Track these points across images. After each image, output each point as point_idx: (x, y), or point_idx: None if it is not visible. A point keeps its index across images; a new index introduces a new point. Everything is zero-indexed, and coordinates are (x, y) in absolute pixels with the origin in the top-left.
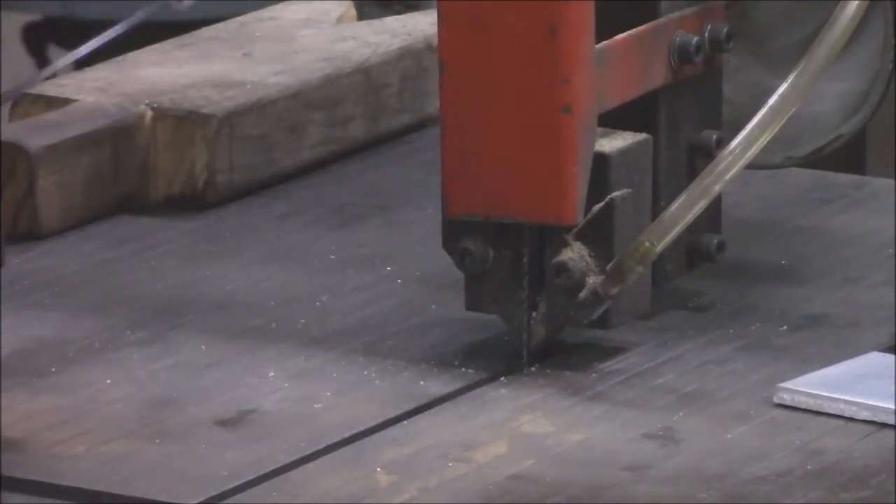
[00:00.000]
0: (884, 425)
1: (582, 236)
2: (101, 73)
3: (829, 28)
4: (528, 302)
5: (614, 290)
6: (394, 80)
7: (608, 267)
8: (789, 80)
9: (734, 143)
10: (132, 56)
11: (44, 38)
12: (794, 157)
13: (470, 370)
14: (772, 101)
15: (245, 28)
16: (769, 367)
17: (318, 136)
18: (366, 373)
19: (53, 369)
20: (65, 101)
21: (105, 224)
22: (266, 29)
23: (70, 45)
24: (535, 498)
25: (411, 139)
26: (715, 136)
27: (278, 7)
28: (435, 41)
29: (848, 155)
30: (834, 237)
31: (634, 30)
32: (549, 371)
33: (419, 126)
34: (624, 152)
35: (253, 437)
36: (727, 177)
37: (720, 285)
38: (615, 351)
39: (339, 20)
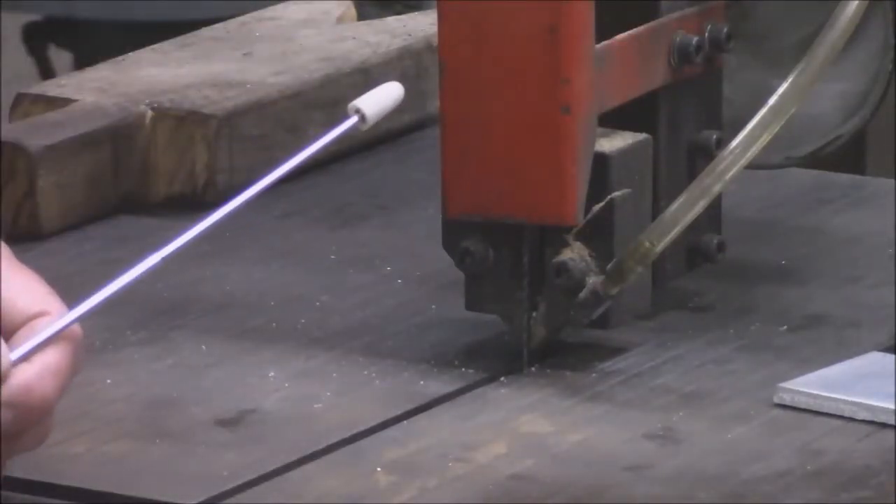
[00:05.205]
0: (884, 425)
1: (582, 236)
2: (101, 73)
3: (829, 28)
4: (528, 302)
5: (614, 290)
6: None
7: (608, 267)
8: (789, 80)
9: (734, 143)
10: (132, 56)
11: (44, 38)
12: (793, 157)
13: (470, 370)
14: (772, 101)
15: (245, 28)
16: (769, 367)
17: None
18: (366, 373)
19: None
20: (65, 101)
21: (105, 224)
22: (266, 29)
23: (70, 46)
24: (535, 498)
25: (411, 139)
26: (715, 136)
27: (278, 7)
28: (435, 41)
29: (848, 155)
30: (834, 237)
31: (634, 30)
32: (549, 371)
33: (419, 126)
34: (624, 152)
35: (253, 437)
36: (727, 177)
37: (720, 285)
38: (615, 351)
39: (339, 20)
